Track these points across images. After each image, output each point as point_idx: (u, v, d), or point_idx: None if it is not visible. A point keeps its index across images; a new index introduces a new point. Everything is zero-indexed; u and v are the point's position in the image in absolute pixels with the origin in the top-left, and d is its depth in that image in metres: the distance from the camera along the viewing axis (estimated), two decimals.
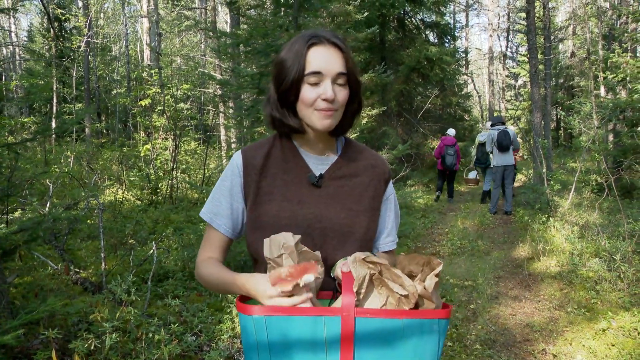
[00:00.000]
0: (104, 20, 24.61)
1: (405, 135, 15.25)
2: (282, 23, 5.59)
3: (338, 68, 1.31)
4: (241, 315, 1.13)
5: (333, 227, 1.39)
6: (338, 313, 1.07)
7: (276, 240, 1.19)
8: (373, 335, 1.08)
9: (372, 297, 1.16)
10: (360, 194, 1.45)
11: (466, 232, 8.29)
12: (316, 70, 1.30)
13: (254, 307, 1.10)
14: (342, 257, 1.37)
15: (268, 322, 1.08)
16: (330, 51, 1.32)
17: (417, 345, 1.10)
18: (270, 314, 1.08)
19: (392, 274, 1.12)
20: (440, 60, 14.53)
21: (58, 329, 2.95)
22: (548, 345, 3.99)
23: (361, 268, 1.14)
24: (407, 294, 1.08)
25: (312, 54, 1.31)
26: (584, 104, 12.46)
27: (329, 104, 1.30)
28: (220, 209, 1.46)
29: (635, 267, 5.06)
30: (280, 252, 1.17)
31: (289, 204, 1.40)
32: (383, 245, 1.54)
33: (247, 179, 1.43)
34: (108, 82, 22.66)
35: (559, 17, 26.14)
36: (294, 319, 1.08)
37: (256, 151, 1.47)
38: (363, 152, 1.53)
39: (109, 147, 13.27)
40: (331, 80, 1.30)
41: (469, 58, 29.27)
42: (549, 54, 13.58)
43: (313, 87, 1.31)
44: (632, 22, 12.74)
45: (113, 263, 5.50)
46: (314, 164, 1.45)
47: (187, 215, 8.12)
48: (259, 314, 1.08)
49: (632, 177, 10.25)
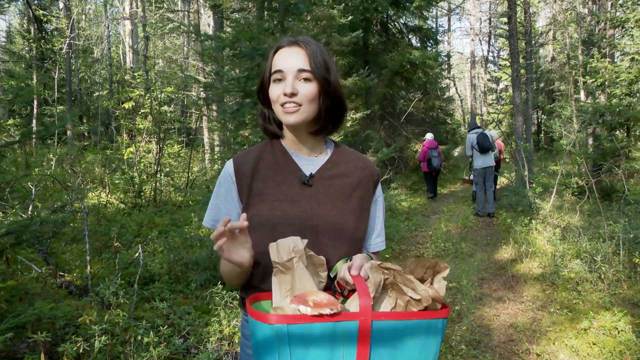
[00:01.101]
0: (85, 22, 24.41)
1: (388, 139, 15.33)
2: (268, 27, 5.62)
3: (298, 65, 1.39)
4: (258, 323, 1.12)
5: (324, 225, 1.43)
6: (356, 318, 1.11)
7: (285, 244, 1.23)
8: (387, 336, 1.14)
9: (384, 300, 1.22)
10: (350, 194, 1.49)
11: (449, 234, 8.37)
12: (278, 69, 1.39)
13: (272, 316, 1.09)
14: (334, 253, 1.42)
15: (290, 330, 1.09)
16: (292, 51, 1.41)
17: (424, 342, 1.18)
18: (292, 322, 1.09)
19: (405, 279, 1.17)
20: (423, 64, 14.64)
21: (46, 333, 2.93)
22: (532, 345, 4.05)
23: (377, 274, 1.19)
24: (420, 298, 1.15)
25: (277, 56, 1.42)
26: (565, 108, 12.67)
27: (288, 98, 1.37)
28: (220, 215, 1.52)
29: (615, 268, 5.16)
30: (290, 256, 1.21)
31: (280, 203, 1.44)
32: (373, 245, 1.59)
33: (239, 184, 1.49)
34: (90, 84, 22.46)
35: (539, 23, 26.46)
36: (315, 325, 1.09)
37: (247, 156, 1.53)
38: (352, 155, 1.58)
39: (92, 150, 13.14)
40: (293, 77, 1.38)
41: (451, 62, 29.54)
42: (530, 58, 13.76)
43: (277, 85, 1.40)
44: (610, 28, 12.97)
45: (98, 266, 5.47)
46: (304, 164, 1.50)
47: (171, 219, 8.10)
48: (280, 322, 1.09)
49: (611, 180, 10.42)
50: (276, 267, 1.23)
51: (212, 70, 14.70)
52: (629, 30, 12.53)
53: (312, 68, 1.39)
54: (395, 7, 14.96)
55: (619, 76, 11.20)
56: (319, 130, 1.49)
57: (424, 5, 15.60)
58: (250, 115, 5.92)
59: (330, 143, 1.59)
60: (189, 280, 5.21)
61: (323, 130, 1.50)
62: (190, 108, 21.22)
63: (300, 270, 1.22)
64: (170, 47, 28.59)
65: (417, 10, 15.86)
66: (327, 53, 1.45)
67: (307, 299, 1.11)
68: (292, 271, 1.22)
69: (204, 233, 7.43)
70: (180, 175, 12.08)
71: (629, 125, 11.55)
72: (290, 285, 1.22)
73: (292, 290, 1.21)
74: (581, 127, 10.91)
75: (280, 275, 1.24)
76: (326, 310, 1.07)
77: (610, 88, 11.51)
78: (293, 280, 1.22)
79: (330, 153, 1.54)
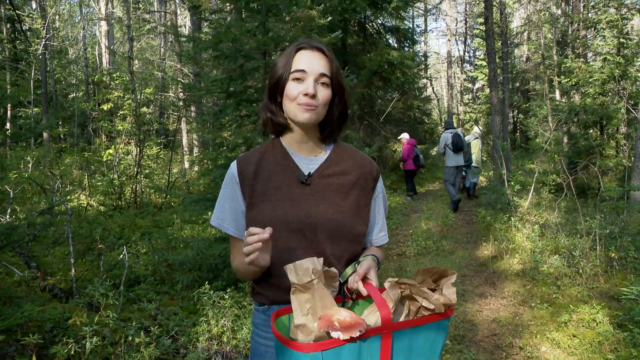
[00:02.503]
0: (59, 22, 24.07)
1: (367, 139, 15.41)
2: (251, 28, 5.64)
3: (321, 69, 1.46)
4: (292, 351, 1.20)
5: (323, 223, 1.49)
6: (379, 331, 1.22)
7: (302, 266, 1.28)
8: (403, 339, 1.27)
9: (399, 309, 1.33)
10: (348, 192, 1.55)
11: (430, 232, 8.46)
12: (301, 68, 1.45)
13: (307, 345, 1.18)
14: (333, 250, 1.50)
15: (325, 356, 1.17)
16: (315, 54, 1.48)
17: (434, 339, 1.32)
18: (326, 348, 1.17)
19: (419, 290, 1.29)
20: (401, 64, 14.73)
21: (37, 335, 2.93)
22: (515, 338, 4.16)
23: (395, 290, 1.30)
24: (434, 308, 1.27)
25: (299, 56, 1.48)
26: (542, 107, 12.91)
27: (309, 99, 1.44)
28: (225, 214, 1.59)
29: (592, 263, 5.30)
30: (311, 278, 1.27)
31: (281, 202, 1.50)
32: (376, 239, 1.66)
33: (243, 185, 1.55)
34: (65, 85, 22.17)
35: (514, 23, 26.83)
36: (345, 346, 1.18)
37: (250, 158, 1.59)
38: (351, 153, 1.64)
39: (70, 152, 13.00)
40: (314, 79, 1.45)
41: (428, 62, 29.79)
42: (506, 58, 13.97)
43: (297, 84, 1.46)
44: (583, 29, 13.25)
45: (82, 269, 5.44)
46: (304, 163, 1.56)
47: (153, 220, 8.07)
48: (315, 350, 1.17)
49: (588, 177, 10.66)
50: (295, 287, 1.29)
51: (191, 71, 14.65)
52: (601, 32, 12.83)
53: (332, 74, 1.48)
54: (373, 7, 15.02)
55: (592, 76, 11.46)
56: (328, 136, 1.58)
57: (402, 5, 15.69)
58: (232, 116, 5.93)
59: (330, 143, 1.65)
60: (175, 281, 5.22)
61: (331, 136, 1.59)
62: (167, 109, 21.09)
63: (320, 290, 1.29)
64: (147, 49, 28.37)
65: (395, 11, 15.96)
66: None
67: (332, 320, 1.19)
68: (312, 291, 1.28)
69: (187, 234, 7.43)
70: (160, 177, 12.03)
71: (602, 123, 11.83)
72: (310, 304, 1.28)
73: (314, 309, 1.27)
74: (557, 125, 11.13)
75: (299, 294, 1.29)
76: (356, 333, 1.16)
77: (584, 87, 11.77)
78: (313, 299, 1.28)
79: (330, 152, 1.60)
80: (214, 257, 5.28)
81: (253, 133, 5.79)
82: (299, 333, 1.26)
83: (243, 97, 5.65)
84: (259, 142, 5.66)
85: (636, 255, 5.45)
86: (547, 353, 3.87)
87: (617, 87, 11.54)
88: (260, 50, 5.59)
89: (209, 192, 5.63)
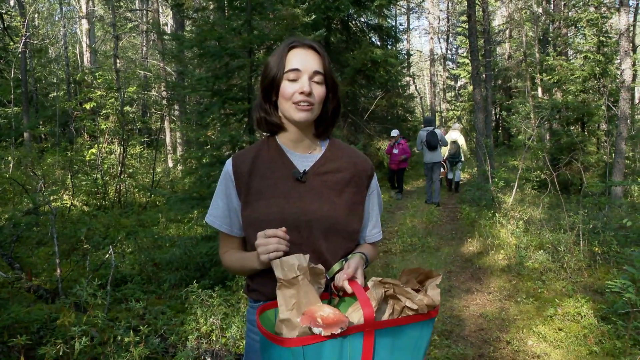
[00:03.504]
0: (39, 20, 23.76)
1: (351, 137, 15.44)
2: (236, 26, 5.63)
3: (315, 66, 1.47)
4: (275, 346, 1.22)
5: (317, 220, 1.50)
6: (361, 329, 1.25)
7: (288, 262, 1.30)
8: (386, 338, 1.29)
9: (383, 308, 1.35)
10: (342, 189, 1.56)
11: (415, 229, 8.51)
12: (294, 67, 1.46)
13: (289, 339, 1.20)
14: (328, 247, 1.52)
15: (305, 351, 1.19)
16: (308, 52, 1.49)
17: (418, 336, 1.34)
18: (307, 343, 1.19)
19: (402, 290, 1.32)
20: (385, 62, 14.77)
21: (25, 336, 2.90)
22: (501, 333, 4.21)
23: (379, 289, 1.32)
24: (417, 308, 1.30)
25: (292, 55, 1.49)
26: (525, 104, 13.05)
27: (305, 97, 1.45)
28: (219, 211, 1.60)
29: (576, 257, 5.38)
30: (296, 274, 1.29)
31: (276, 200, 1.51)
32: (370, 236, 1.67)
33: (238, 182, 1.56)
34: (46, 84, 21.89)
35: (495, 21, 27.03)
36: (326, 342, 1.21)
37: (244, 155, 1.60)
38: (346, 150, 1.65)
39: (52, 152, 12.84)
40: (308, 77, 1.46)
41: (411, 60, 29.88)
42: (489, 56, 14.09)
43: (291, 83, 1.47)
44: (564, 27, 13.41)
45: (67, 269, 5.39)
46: (299, 161, 1.57)
47: (138, 220, 8.02)
48: (296, 345, 1.19)
49: (571, 172, 10.80)
50: (281, 282, 1.31)
51: (174, 69, 14.55)
52: (581, 30, 12.99)
53: (326, 72, 1.49)
54: (356, 5, 15.04)
55: (574, 73, 11.60)
56: (323, 132, 1.59)
57: (385, 4, 15.73)
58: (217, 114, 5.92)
59: (325, 139, 1.66)
60: (161, 280, 5.19)
61: (325, 132, 1.60)
62: (150, 108, 20.93)
63: (305, 286, 1.31)
64: (129, 47, 28.12)
65: (378, 9, 15.99)
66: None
67: (315, 317, 1.22)
68: (297, 287, 1.30)
69: (172, 233, 7.39)
70: (143, 176, 11.94)
71: (584, 120, 11.98)
72: (295, 300, 1.30)
73: (298, 304, 1.29)
74: (540, 122, 11.26)
75: (285, 289, 1.31)
76: (337, 330, 1.18)
77: (566, 85, 11.91)
78: (298, 295, 1.30)
79: (324, 149, 1.61)
80: (201, 256, 5.26)
81: (239, 131, 5.78)
82: (283, 328, 1.27)
83: (229, 95, 5.63)
84: (244, 140, 5.65)
85: (618, 249, 5.54)
86: (534, 347, 3.92)
87: (597, 84, 11.70)
88: (246, 48, 5.58)
89: (195, 191, 5.61)
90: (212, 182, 5.56)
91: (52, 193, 7.12)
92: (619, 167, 9.01)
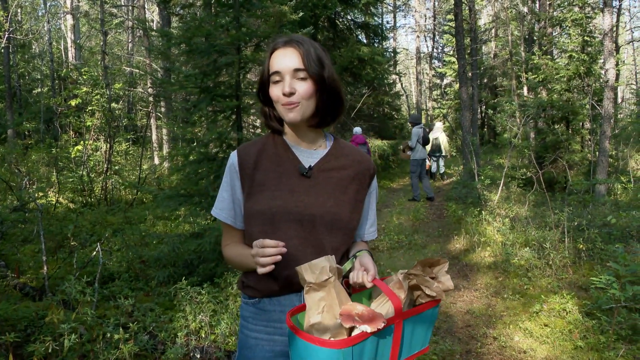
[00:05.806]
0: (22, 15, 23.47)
1: (338, 134, 15.47)
2: (224, 23, 5.61)
3: (294, 64, 1.47)
4: (323, 350, 1.23)
5: (321, 215, 1.52)
6: (393, 321, 1.33)
7: (318, 265, 1.31)
8: (409, 325, 1.39)
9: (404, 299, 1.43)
10: (346, 186, 1.59)
11: (402, 227, 8.56)
12: (275, 70, 1.48)
13: (339, 341, 1.23)
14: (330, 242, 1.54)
15: (354, 350, 1.24)
16: (287, 51, 1.48)
17: (430, 316, 1.45)
18: (355, 342, 1.24)
19: (423, 280, 1.38)
20: (372, 60, 14.81)
21: (14, 334, 2.89)
22: (489, 329, 4.26)
23: (406, 282, 1.41)
24: (435, 294, 1.37)
25: (273, 58, 1.50)
26: (511, 103, 13.17)
27: (287, 98, 1.46)
28: (224, 204, 1.61)
29: (561, 254, 5.45)
30: (328, 276, 1.31)
31: (280, 193, 1.53)
32: (367, 234, 1.71)
33: (242, 174, 1.57)
34: (29, 80, 21.67)
35: (481, 20, 27.19)
36: (368, 339, 1.26)
37: (250, 148, 1.61)
38: (350, 149, 1.68)
39: (36, 149, 12.71)
40: (290, 76, 1.46)
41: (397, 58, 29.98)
42: (475, 54, 14.17)
43: (277, 85, 1.48)
44: (549, 27, 13.53)
45: (54, 267, 5.36)
46: (304, 157, 1.59)
47: (125, 217, 7.98)
48: (347, 345, 1.23)
49: (556, 170, 10.91)
50: (310, 286, 1.32)
51: (161, 66, 14.46)
52: (566, 29, 13.10)
53: (307, 67, 1.46)
54: (343, 3, 15.07)
55: (559, 72, 11.71)
56: (319, 124, 1.57)
57: (372, 2, 15.78)
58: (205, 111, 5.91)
59: (330, 137, 1.68)
60: (149, 277, 5.18)
61: (322, 124, 1.59)
62: (136, 105, 20.80)
63: (337, 287, 1.35)
64: (115, 43, 27.90)
65: (365, 7, 16.04)
66: (321, 48, 1.53)
67: (353, 315, 1.26)
68: (327, 289, 1.32)
69: (159, 230, 7.37)
70: (130, 173, 11.87)
71: (569, 119, 12.11)
72: (325, 302, 1.31)
73: (329, 306, 1.31)
74: (525, 121, 11.36)
75: (313, 292, 1.33)
76: (380, 324, 1.24)
77: (551, 84, 12.02)
78: (330, 296, 1.32)
79: (330, 146, 1.63)
80: (189, 253, 5.25)
81: (226, 129, 5.77)
82: (314, 332, 1.29)
83: (217, 92, 5.62)
84: (232, 137, 5.65)
85: (603, 246, 5.62)
86: (520, 342, 3.97)
87: (582, 83, 11.82)
88: (234, 45, 5.57)
89: (182, 188, 5.60)
90: (199, 179, 5.56)
91: (39, 190, 7.05)
92: (603, 165, 9.13)
